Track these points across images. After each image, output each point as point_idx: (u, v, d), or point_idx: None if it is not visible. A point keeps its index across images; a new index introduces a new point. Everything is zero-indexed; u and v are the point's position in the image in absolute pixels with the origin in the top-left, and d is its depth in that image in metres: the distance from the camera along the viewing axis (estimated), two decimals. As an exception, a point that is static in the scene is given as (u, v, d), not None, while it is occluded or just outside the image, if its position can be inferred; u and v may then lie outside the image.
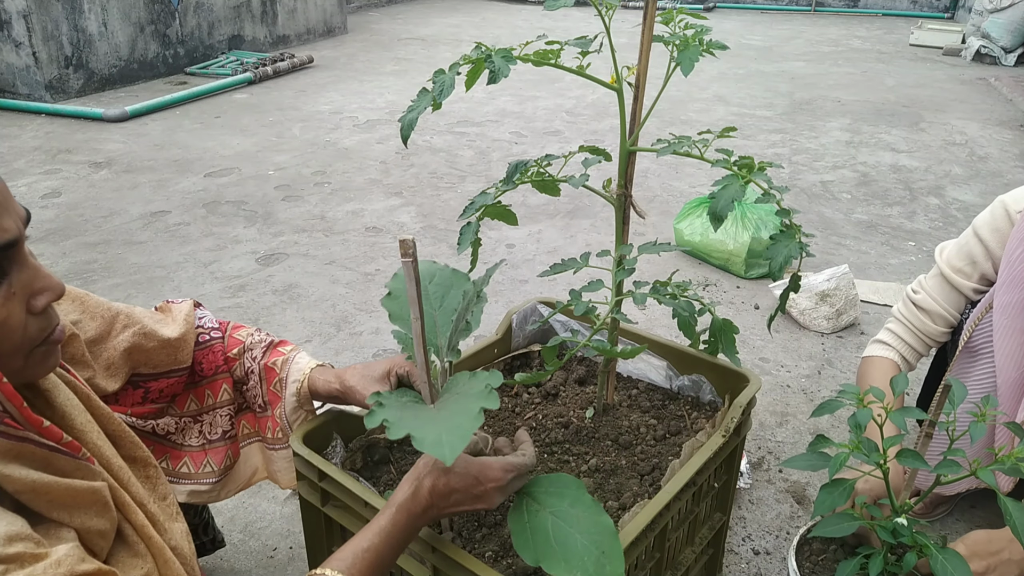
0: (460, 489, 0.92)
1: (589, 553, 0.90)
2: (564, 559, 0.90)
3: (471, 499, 0.93)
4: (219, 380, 1.24)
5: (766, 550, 1.65)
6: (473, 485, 0.92)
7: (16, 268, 0.73)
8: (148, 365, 1.16)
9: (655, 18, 1.09)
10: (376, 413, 0.82)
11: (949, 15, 9.57)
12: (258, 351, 1.24)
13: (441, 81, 1.00)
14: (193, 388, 1.24)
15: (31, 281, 0.74)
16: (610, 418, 1.34)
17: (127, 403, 1.17)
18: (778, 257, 1.09)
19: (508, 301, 2.70)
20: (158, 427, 1.22)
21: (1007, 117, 5.18)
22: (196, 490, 1.25)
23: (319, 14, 7.70)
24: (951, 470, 1.11)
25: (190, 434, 1.26)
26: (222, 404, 1.25)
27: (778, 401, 2.16)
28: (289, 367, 1.22)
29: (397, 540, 0.90)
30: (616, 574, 0.90)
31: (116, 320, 1.12)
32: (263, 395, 1.24)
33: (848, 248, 3.18)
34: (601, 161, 1.21)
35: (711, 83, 6.05)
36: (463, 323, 1.07)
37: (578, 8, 9.48)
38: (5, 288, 0.71)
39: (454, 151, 4.36)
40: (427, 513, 0.91)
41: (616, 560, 0.91)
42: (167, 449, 1.25)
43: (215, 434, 1.26)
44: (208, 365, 1.23)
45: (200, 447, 1.26)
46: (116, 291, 2.72)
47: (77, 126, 4.70)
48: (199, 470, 1.25)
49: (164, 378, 1.18)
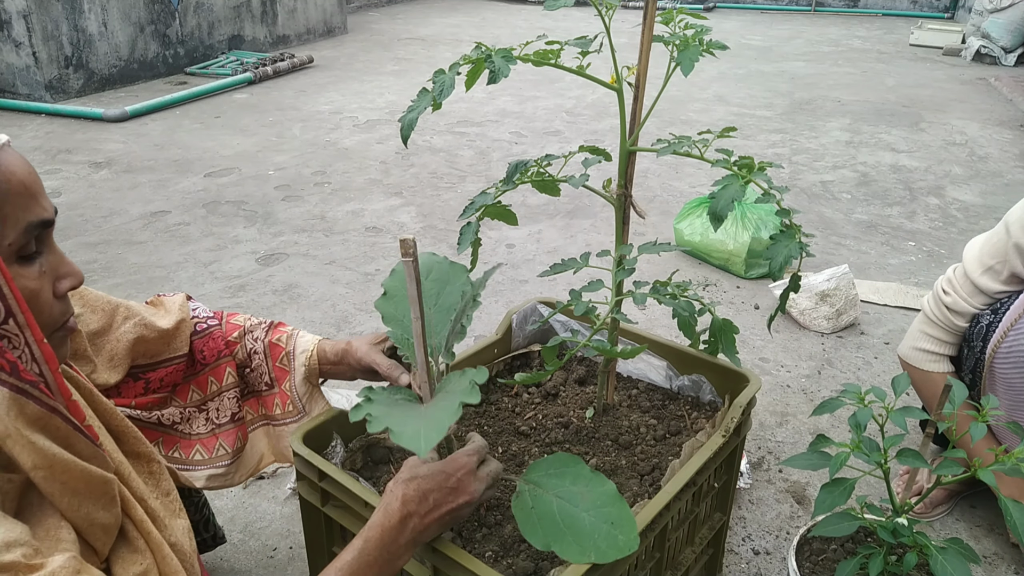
0: (434, 488, 0.92)
1: (599, 530, 0.90)
2: (575, 541, 0.90)
3: (448, 493, 0.93)
4: (222, 365, 1.26)
5: (766, 550, 1.65)
6: (444, 479, 0.93)
7: (47, 249, 0.79)
8: (146, 355, 1.18)
9: (655, 18, 1.09)
10: (362, 407, 0.84)
11: (949, 15, 9.57)
12: (259, 332, 1.27)
13: (441, 81, 1.00)
14: (194, 377, 1.26)
15: (57, 265, 0.80)
16: (610, 418, 1.34)
17: (130, 395, 1.18)
18: (778, 257, 1.09)
19: (508, 301, 2.70)
20: (163, 417, 1.24)
21: (1007, 117, 5.18)
22: (214, 474, 1.27)
23: (319, 14, 7.70)
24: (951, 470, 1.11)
25: (196, 423, 1.27)
26: (228, 387, 1.28)
27: (778, 401, 2.16)
28: (295, 340, 1.26)
29: (373, 557, 0.88)
30: (629, 544, 0.90)
31: (117, 312, 1.14)
32: (269, 371, 1.27)
33: (848, 248, 3.18)
34: (601, 161, 1.21)
35: (711, 83, 6.05)
36: (458, 326, 1.07)
37: (578, 8, 9.49)
38: (38, 265, 0.77)
39: (454, 151, 4.36)
40: (406, 524, 0.90)
41: (627, 528, 0.91)
42: (176, 439, 1.26)
43: (224, 418, 1.28)
44: (209, 352, 1.25)
45: (209, 432, 1.28)
46: (116, 291, 2.72)
47: (77, 126, 4.70)
48: (212, 454, 1.27)
49: (162, 367, 1.21)
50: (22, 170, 0.75)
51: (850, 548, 1.30)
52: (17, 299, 0.70)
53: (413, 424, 0.80)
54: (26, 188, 0.74)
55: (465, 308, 1.07)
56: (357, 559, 0.88)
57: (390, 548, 0.89)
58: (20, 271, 0.75)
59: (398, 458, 1.26)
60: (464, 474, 0.94)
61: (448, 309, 1.11)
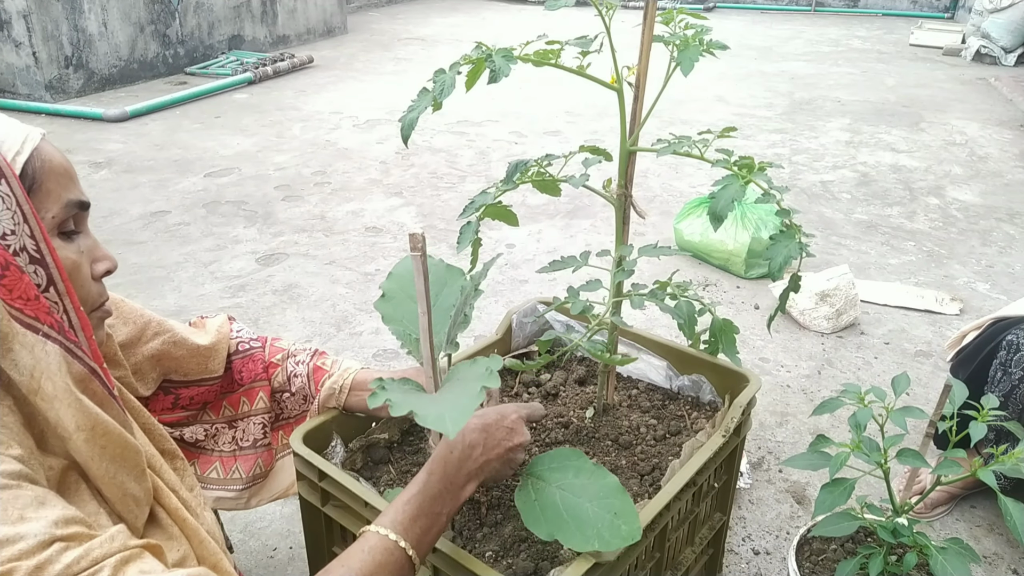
0: (492, 424, 0.98)
1: (602, 519, 0.91)
2: (578, 530, 0.91)
3: (507, 432, 0.98)
4: (256, 388, 1.26)
5: (766, 550, 1.64)
6: (500, 419, 1.00)
7: (84, 232, 0.85)
8: (179, 372, 1.18)
9: (655, 18, 1.09)
10: (379, 394, 0.84)
11: (949, 15, 9.56)
12: (303, 356, 1.28)
13: (441, 81, 1.00)
14: (230, 395, 1.26)
15: (93, 248, 0.86)
16: (610, 418, 1.34)
17: (156, 408, 1.18)
18: (778, 257, 1.09)
19: (508, 301, 2.70)
20: (185, 435, 1.24)
21: (1007, 117, 5.18)
22: (223, 496, 1.27)
23: (319, 14, 7.70)
24: (951, 470, 1.11)
25: (223, 439, 1.27)
26: (256, 412, 1.27)
27: (778, 401, 2.16)
28: (340, 364, 1.26)
29: (437, 490, 0.91)
30: (632, 534, 0.90)
31: (148, 327, 1.14)
32: (311, 392, 1.26)
33: (848, 248, 3.18)
34: (601, 161, 1.21)
35: (711, 83, 6.05)
36: (461, 316, 1.07)
37: (578, 8, 9.45)
38: (76, 244, 0.83)
39: (454, 151, 4.36)
40: (469, 455, 0.94)
41: (630, 518, 0.91)
42: (196, 455, 1.26)
43: (247, 441, 1.28)
44: (248, 373, 1.25)
45: (231, 453, 1.28)
46: (116, 291, 2.69)
47: (77, 126, 4.70)
48: (227, 475, 1.27)
49: (195, 386, 1.20)
50: (60, 156, 0.82)
51: (850, 548, 1.30)
52: (59, 268, 0.76)
53: (436, 408, 0.81)
54: (65, 170, 0.82)
55: (467, 299, 1.07)
56: (422, 491, 0.90)
57: (453, 479, 0.92)
58: (60, 245, 0.80)
59: (397, 458, 1.26)
60: (516, 419, 1.01)
61: (447, 309, 1.11)
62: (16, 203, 0.71)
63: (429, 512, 0.89)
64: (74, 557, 0.64)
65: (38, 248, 0.73)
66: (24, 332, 0.70)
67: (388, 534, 0.86)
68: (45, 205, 0.78)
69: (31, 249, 0.72)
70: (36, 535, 0.64)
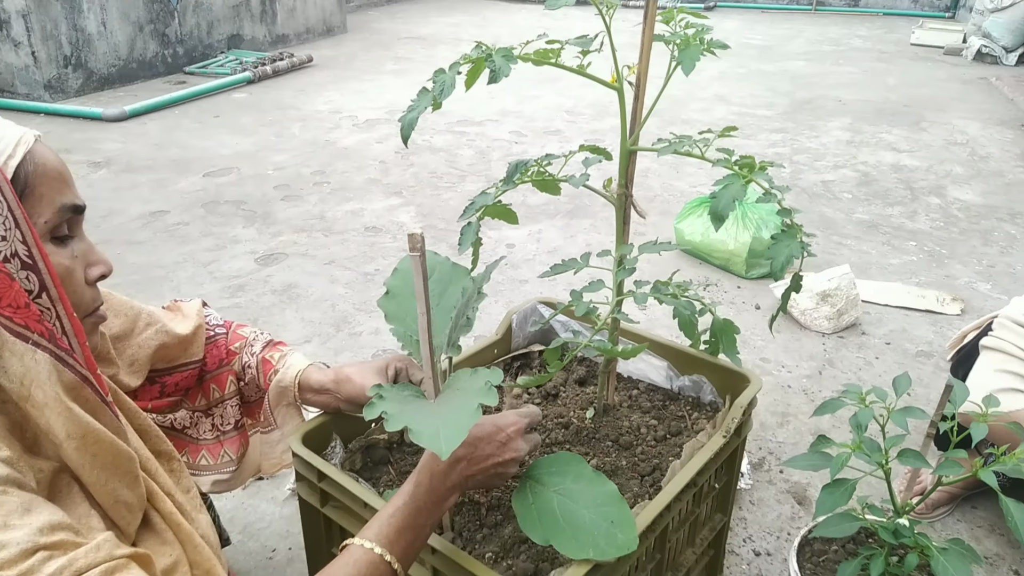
0: (484, 437, 0.93)
1: (598, 527, 0.90)
2: (574, 537, 0.90)
3: (498, 446, 0.94)
4: (224, 373, 1.27)
5: (767, 551, 1.64)
6: (495, 432, 0.94)
7: (79, 237, 0.84)
8: (164, 360, 1.20)
9: (656, 17, 1.08)
10: (376, 405, 0.83)
11: (950, 14, 9.56)
12: (257, 346, 1.28)
13: (441, 80, 0.99)
14: (201, 383, 1.28)
15: (88, 252, 0.85)
16: (610, 418, 1.34)
17: (146, 398, 1.20)
18: (779, 257, 1.09)
19: (508, 301, 2.69)
20: (175, 421, 1.26)
21: (1008, 117, 5.18)
22: (219, 479, 1.29)
23: (318, 13, 7.70)
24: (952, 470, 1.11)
25: (203, 428, 1.29)
26: (230, 395, 1.29)
27: (779, 401, 2.16)
28: (286, 360, 1.25)
29: (423, 502, 0.89)
30: (628, 543, 0.90)
31: (139, 318, 1.15)
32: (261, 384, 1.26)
33: (849, 248, 3.18)
34: (601, 161, 1.21)
35: (712, 82, 6.05)
36: (463, 319, 1.07)
37: (578, 8, 9.47)
38: (71, 249, 0.82)
39: (454, 151, 4.35)
40: (454, 467, 0.91)
41: (627, 527, 0.91)
42: (185, 444, 1.28)
43: (227, 425, 1.30)
44: (212, 359, 1.26)
45: (215, 439, 1.30)
46: (115, 291, 2.68)
47: (76, 126, 4.69)
48: (218, 461, 1.29)
49: (178, 372, 1.22)
50: (54, 159, 0.81)
51: (851, 549, 1.29)
52: (51, 274, 0.75)
53: (432, 424, 0.79)
54: (59, 173, 0.81)
55: (469, 301, 1.07)
56: (408, 503, 0.89)
57: (438, 490, 0.91)
58: (53, 250, 0.79)
59: (397, 459, 1.26)
60: (514, 431, 0.96)
61: (450, 309, 1.11)
62: (7, 208, 0.71)
63: (414, 525, 0.89)
64: (57, 567, 0.64)
65: (30, 254, 0.72)
66: (14, 340, 0.70)
67: (373, 547, 0.85)
68: (37, 210, 0.77)
69: (23, 255, 0.72)
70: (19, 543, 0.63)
